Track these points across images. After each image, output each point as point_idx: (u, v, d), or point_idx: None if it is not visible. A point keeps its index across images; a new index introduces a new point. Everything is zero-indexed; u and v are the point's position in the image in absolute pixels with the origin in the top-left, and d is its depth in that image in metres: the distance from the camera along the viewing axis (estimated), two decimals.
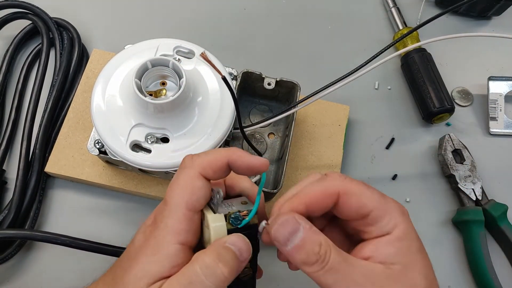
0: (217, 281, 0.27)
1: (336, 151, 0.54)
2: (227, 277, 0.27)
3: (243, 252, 0.29)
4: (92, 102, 0.43)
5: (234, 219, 0.30)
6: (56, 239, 0.44)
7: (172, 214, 0.29)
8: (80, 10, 0.62)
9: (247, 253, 0.29)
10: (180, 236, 0.29)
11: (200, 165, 0.30)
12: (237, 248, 0.29)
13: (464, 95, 0.61)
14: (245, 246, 0.29)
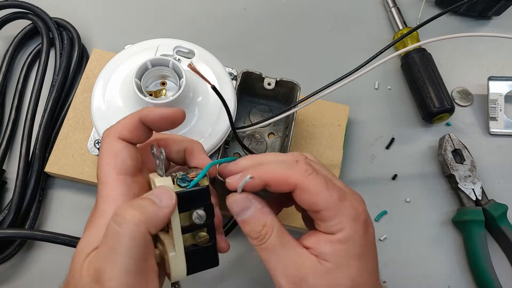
0: (130, 225, 0.27)
1: (336, 151, 0.54)
2: (139, 219, 0.27)
3: (163, 198, 0.29)
4: (92, 102, 0.43)
5: (181, 180, 0.31)
6: (56, 238, 0.44)
7: (104, 183, 0.30)
8: (80, 10, 0.62)
9: (168, 199, 0.29)
10: (117, 202, 0.29)
11: (115, 130, 0.31)
12: (155, 195, 0.29)
13: (464, 95, 0.61)
14: (166, 193, 0.29)
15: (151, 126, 0.32)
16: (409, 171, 0.56)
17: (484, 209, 0.52)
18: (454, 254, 0.53)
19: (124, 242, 0.26)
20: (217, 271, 0.50)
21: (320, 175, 0.31)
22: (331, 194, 0.31)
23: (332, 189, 0.31)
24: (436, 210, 0.55)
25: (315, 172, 0.31)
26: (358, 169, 0.56)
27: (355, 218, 0.31)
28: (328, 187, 0.31)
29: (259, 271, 0.50)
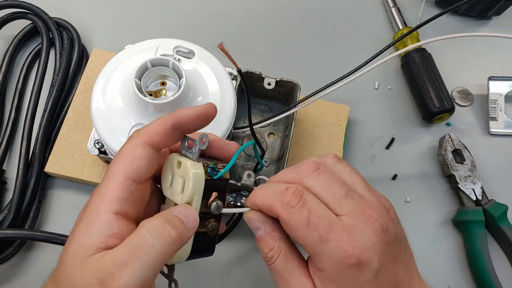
0: (165, 242, 0.27)
1: (336, 151, 0.54)
2: (175, 239, 0.27)
3: (190, 220, 0.29)
4: (92, 102, 0.43)
5: (211, 169, 0.31)
6: (56, 239, 0.44)
7: (108, 182, 0.29)
8: (80, 10, 0.62)
9: (194, 222, 0.29)
10: (114, 205, 0.28)
11: (145, 133, 0.30)
12: (184, 216, 0.29)
13: (464, 95, 0.61)
14: (192, 215, 0.29)
15: (185, 128, 0.31)
16: (409, 171, 0.56)
17: (484, 209, 0.52)
18: (454, 254, 0.53)
19: (153, 256, 0.26)
20: (217, 271, 0.50)
21: (305, 208, 0.29)
22: (310, 233, 0.29)
23: (314, 228, 0.29)
24: (436, 210, 0.55)
25: (300, 204, 0.29)
26: (358, 169, 0.55)
27: (338, 262, 0.28)
28: (309, 225, 0.29)
29: (259, 271, 0.50)
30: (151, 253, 0.26)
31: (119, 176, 0.29)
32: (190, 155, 0.31)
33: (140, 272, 0.26)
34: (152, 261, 0.26)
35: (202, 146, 0.30)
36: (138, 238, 0.27)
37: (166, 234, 0.27)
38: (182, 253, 0.31)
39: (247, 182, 0.44)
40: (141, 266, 0.26)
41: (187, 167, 0.29)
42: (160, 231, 0.27)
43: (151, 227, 0.27)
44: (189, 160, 0.30)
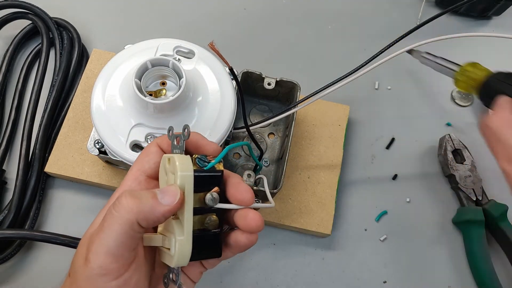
0: (122, 210, 0.28)
1: (336, 151, 0.54)
2: (132, 207, 0.28)
3: (166, 196, 0.29)
4: (92, 102, 0.43)
5: (200, 160, 0.31)
6: (56, 239, 0.44)
7: (127, 173, 0.33)
8: (80, 10, 0.62)
9: (171, 198, 0.29)
10: None
11: (159, 138, 0.33)
12: (162, 191, 0.29)
13: (464, 95, 0.61)
14: (170, 191, 0.29)
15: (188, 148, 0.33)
16: (409, 171, 0.56)
17: (484, 209, 0.52)
18: (454, 254, 0.53)
19: (112, 223, 0.28)
20: (217, 271, 0.50)
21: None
22: None
23: None
24: (436, 210, 0.55)
25: None
26: (358, 169, 0.56)
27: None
28: None
29: (259, 271, 0.50)
30: (110, 220, 0.28)
31: (133, 169, 0.32)
32: (178, 151, 0.31)
33: (103, 238, 0.28)
34: (111, 228, 0.28)
35: (185, 137, 0.30)
36: (107, 210, 0.29)
37: (123, 203, 0.28)
38: (183, 253, 0.30)
39: (247, 182, 0.44)
40: (103, 233, 0.28)
41: (174, 161, 0.30)
42: (119, 200, 0.29)
43: (116, 199, 0.29)
44: (176, 155, 0.30)
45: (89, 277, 0.28)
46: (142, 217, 0.28)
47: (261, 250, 0.51)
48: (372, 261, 0.52)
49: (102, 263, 0.27)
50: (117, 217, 0.28)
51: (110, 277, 0.28)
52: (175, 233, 0.30)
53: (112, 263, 0.28)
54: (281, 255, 0.51)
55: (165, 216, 0.29)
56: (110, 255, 0.28)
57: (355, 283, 0.51)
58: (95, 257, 0.28)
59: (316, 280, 0.50)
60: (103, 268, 0.28)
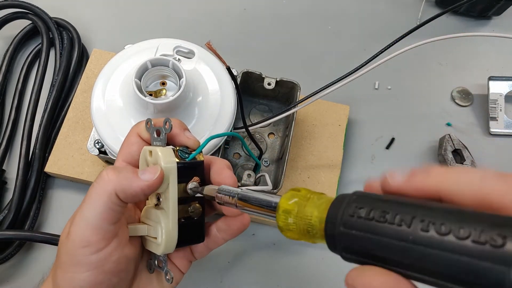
0: (101, 182, 0.29)
1: (336, 151, 0.54)
2: (111, 179, 0.29)
3: (146, 172, 0.30)
4: (92, 102, 0.43)
5: (181, 151, 0.32)
6: (56, 240, 0.44)
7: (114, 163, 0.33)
8: (80, 10, 0.62)
9: (151, 174, 0.30)
10: None
11: (138, 126, 0.33)
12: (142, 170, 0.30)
13: (464, 95, 0.61)
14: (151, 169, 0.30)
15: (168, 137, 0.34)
16: None
17: None
18: None
19: (92, 195, 0.29)
20: (217, 271, 0.50)
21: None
22: None
23: None
24: None
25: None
26: (358, 169, 0.56)
27: None
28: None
29: (259, 271, 0.50)
30: (91, 192, 0.29)
31: (118, 160, 0.33)
32: (159, 143, 0.32)
33: (83, 211, 0.29)
34: (91, 200, 0.29)
35: (167, 130, 0.31)
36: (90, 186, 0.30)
37: (103, 175, 0.29)
38: (169, 241, 0.31)
39: (247, 182, 0.44)
40: (84, 205, 0.29)
41: (156, 153, 0.30)
42: (100, 173, 0.30)
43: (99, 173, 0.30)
44: (158, 147, 0.31)
45: (69, 250, 0.29)
46: (120, 188, 0.29)
47: (261, 250, 0.51)
48: None
49: (82, 235, 0.28)
50: (97, 188, 0.29)
51: (90, 249, 0.28)
52: (161, 223, 0.31)
53: (92, 235, 0.28)
54: (281, 255, 0.51)
55: (144, 192, 0.30)
56: (89, 226, 0.28)
57: None
58: (75, 229, 0.28)
59: (316, 280, 0.50)
60: (83, 240, 0.28)
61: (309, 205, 0.24)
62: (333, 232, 0.22)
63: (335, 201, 0.22)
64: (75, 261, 0.28)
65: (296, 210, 0.24)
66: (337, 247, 0.22)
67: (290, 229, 0.24)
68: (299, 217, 0.24)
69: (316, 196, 0.24)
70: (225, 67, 0.35)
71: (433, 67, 0.63)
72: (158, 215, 0.31)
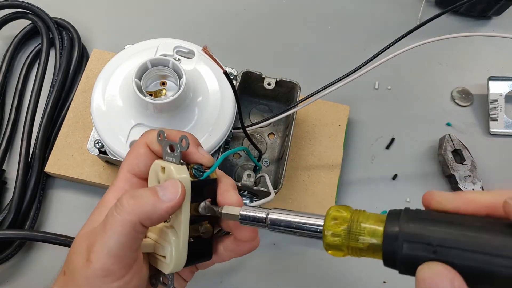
0: (123, 212, 0.28)
1: (336, 151, 0.54)
2: (133, 209, 0.28)
3: (167, 192, 0.29)
4: (92, 102, 0.43)
5: (196, 170, 0.31)
6: (56, 239, 0.44)
7: (117, 175, 0.33)
8: (80, 10, 0.62)
9: (172, 195, 0.29)
10: (118, 193, 0.31)
11: (147, 136, 0.33)
12: (162, 187, 0.29)
13: (464, 95, 0.61)
14: (172, 188, 0.29)
15: None
16: (409, 171, 0.56)
17: None
18: None
19: (114, 226, 0.28)
20: (217, 271, 0.50)
21: None
22: None
23: None
24: None
25: None
26: (358, 169, 0.56)
27: None
28: None
29: (259, 271, 0.50)
30: (112, 223, 0.28)
31: (123, 170, 0.32)
32: (173, 159, 0.31)
33: (105, 241, 0.28)
34: (113, 231, 0.28)
35: (183, 148, 0.30)
36: (108, 211, 0.29)
37: (125, 204, 0.28)
38: (179, 260, 0.30)
39: (247, 182, 0.44)
40: (106, 235, 0.28)
41: (171, 172, 0.29)
42: (120, 201, 0.28)
43: (117, 199, 0.29)
44: (172, 164, 0.30)
45: (89, 277, 0.28)
46: (144, 217, 0.28)
47: (261, 250, 0.51)
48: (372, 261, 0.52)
49: (104, 264, 0.27)
50: (119, 219, 0.28)
51: (111, 278, 0.28)
52: (171, 242, 0.30)
53: (114, 264, 0.28)
54: (281, 255, 0.51)
55: (168, 213, 0.29)
56: (112, 256, 0.27)
57: (355, 283, 0.50)
58: (97, 257, 0.27)
59: (316, 280, 0.50)
60: (105, 269, 0.27)
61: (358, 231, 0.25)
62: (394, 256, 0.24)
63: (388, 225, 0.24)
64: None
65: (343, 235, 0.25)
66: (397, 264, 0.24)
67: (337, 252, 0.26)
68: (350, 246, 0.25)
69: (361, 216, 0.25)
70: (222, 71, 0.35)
71: (433, 67, 0.63)
72: (167, 234, 0.30)
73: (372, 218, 0.25)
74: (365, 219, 0.25)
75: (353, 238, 0.25)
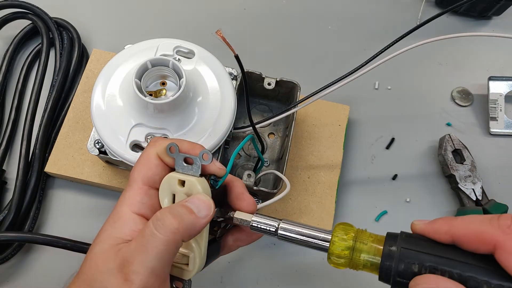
0: (167, 231, 0.28)
1: (336, 151, 0.54)
2: (177, 228, 0.29)
3: (202, 209, 0.30)
4: (92, 102, 0.43)
5: (213, 180, 0.32)
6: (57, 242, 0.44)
7: (130, 188, 0.32)
8: (80, 10, 0.62)
9: (207, 211, 0.30)
10: (134, 207, 0.31)
11: (160, 146, 0.32)
12: (196, 205, 0.30)
13: (464, 95, 0.61)
14: (205, 203, 0.30)
15: None
16: (409, 171, 0.56)
17: (484, 209, 0.52)
18: None
19: (157, 245, 0.28)
20: (217, 271, 0.50)
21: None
22: None
23: None
24: (436, 210, 0.54)
25: None
26: (358, 169, 0.56)
27: None
28: None
29: (259, 271, 0.50)
30: (155, 242, 0.28)
31: (137, 182, 0.32)
32: (191, 172, 0.31)
33: (148, 260, 0.28)
34: (156, 250, 0.28)
35: (205, 162, 0.31)
36: (145, 229, 0.29)
37: (167, 224, 0.29)
38: (199, 266, 0.31)
39: (247, 182, 0.44)
40: (148, 254, 0.28)
41: (194, 186, 0.30)
42: (162, 221, 0.29)
43: (154, 218, 0.29)
44: (192, 177, 0.31)
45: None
46: (186, 234, 0.29)
47: (261, 250, 0.51)
48: None
49: (146, 282, 0.28)
50: (162, 238, 0.28)
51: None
52: (195, 251, 0.31)
53: (156, 282, 0.28)
54: (281, 255, 0.51)
55: (203, 227, 0.30)
56: (154, 275, 0.28)
57: (355, 283, 0.50)
58: (139, 277, 0.28)
59: (316, 280, 0.50)
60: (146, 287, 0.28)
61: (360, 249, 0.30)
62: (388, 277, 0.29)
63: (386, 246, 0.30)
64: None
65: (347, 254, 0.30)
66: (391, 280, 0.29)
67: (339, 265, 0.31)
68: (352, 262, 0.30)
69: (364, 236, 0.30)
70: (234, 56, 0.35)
71: (433, 67, 0.63)
72: (188, 243, 0.31)
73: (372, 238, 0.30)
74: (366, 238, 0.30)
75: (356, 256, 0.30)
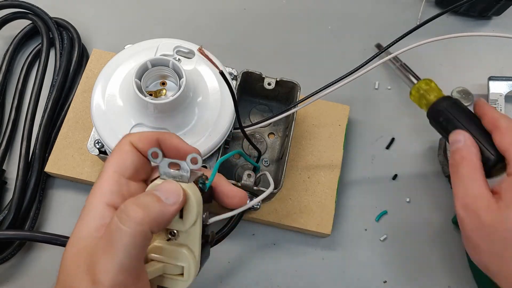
0: (132, 223, 0.26)
1: (336, 151, 0.54)
2: (143, 218, 0.26)
3: (170, 196, 0.28)
4: (92, 102, 0.43)
5: (202, 184, 0.31)
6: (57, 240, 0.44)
7: (101, 177, 0.30)
8: (80, 10, 0.62)
9: (176, 197, 0.28)
10: (106, 197, 0.29)
11: (131, 136, 0.32)
12: (163, 192, 0.28)
13: (464, 95, 0.61)
14: (173, 190, 0.28)
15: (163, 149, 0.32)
16: (409, 171, 0.56)
17: None
18: (454, 254, 0.52)
19: (123, 239, 0.26)
20: (217, 271, 0.50)
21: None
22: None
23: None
24: (436, 210, 0.54)
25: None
26: (358, 169, 0.56)
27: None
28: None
29: (259, 271, 0.50)
30: (120, 236, 0.26)
31: (108, 170, 0.30)
32: (179, 178, 0.30)
33: (115, 257, 0.26)
34: (123, 244, 0.26)
35: (194, 166, 0.29)
36: (111, 223, 0.27)
37: (132, 215, 0.26)
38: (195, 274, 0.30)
39: (247, 182, 0.44)
40: (115, 250, 0.26)
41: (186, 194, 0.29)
42: (125, 213, 0.27)
43: (119, 210, 0.27)
44: (182, 184, 0.29)
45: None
46: (154, 224, 0.27)
47: (261, 250, 0.51)
48: (372, 261, 0.52)
49: (115, 280, 0.26)
50: (128, 231, 0.26)
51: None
52: (189, 260, 0.30)
53: (127, 279, 0.26)
54: (281, 255, 0.51)
55: (173, 216, 0.28)
56: (124, 272, 0.26)
57: (355, 283, 0.51)
58: (106, 276, 0.26)
59: (316, 280, 0.50)
60: (116, 285, 0.26)
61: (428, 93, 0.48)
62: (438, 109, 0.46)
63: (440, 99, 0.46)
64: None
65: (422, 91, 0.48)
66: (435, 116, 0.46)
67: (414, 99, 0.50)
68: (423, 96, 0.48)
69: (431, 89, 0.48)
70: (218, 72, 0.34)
71: (433, 67, 0.63)
72: (181, 252, 0.30)
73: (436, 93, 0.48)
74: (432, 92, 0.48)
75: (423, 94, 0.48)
